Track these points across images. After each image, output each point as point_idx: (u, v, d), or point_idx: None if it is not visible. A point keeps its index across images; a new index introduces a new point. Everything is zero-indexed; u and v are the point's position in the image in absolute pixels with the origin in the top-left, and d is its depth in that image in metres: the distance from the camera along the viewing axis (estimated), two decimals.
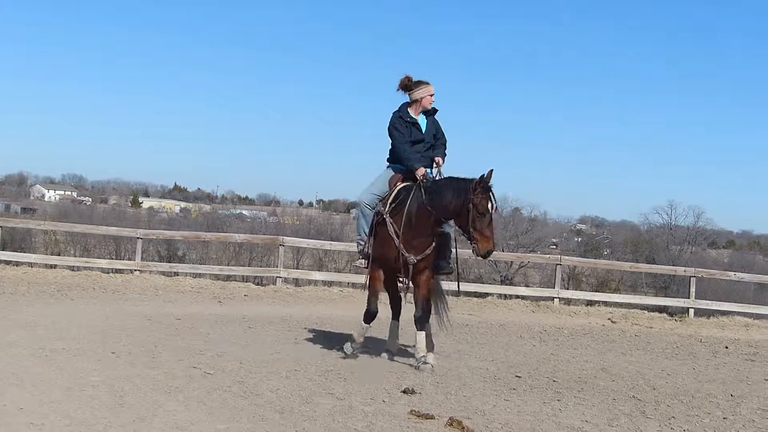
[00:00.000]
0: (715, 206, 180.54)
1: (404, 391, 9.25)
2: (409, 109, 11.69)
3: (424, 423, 7.98)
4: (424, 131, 11.67)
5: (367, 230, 11.60)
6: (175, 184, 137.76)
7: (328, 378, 9.80)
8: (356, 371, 10.36)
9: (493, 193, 10.85)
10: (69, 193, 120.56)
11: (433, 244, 11.25)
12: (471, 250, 11.21)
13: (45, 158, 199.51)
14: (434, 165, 11.57)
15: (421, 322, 11.34)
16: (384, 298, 12.21)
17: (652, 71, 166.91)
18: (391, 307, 12.19)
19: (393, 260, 11.31)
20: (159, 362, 10.06)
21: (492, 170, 10.83)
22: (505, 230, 63.80)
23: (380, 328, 12.53)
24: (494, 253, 11.34)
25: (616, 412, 9.20)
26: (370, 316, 11.69)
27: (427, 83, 11.72)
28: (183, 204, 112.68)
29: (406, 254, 11.15)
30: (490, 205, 10.80)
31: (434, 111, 11.81)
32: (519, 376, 10.95)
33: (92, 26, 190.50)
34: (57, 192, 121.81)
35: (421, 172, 11.24)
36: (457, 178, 11.15)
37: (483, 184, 10.78)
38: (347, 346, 11.66)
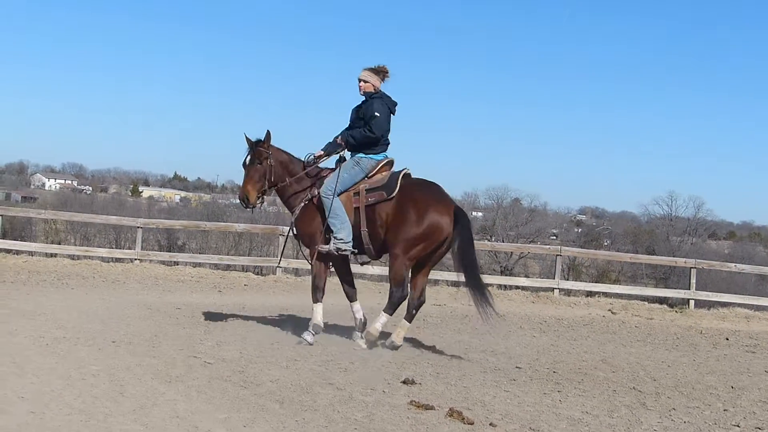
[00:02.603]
0: (716, 197, 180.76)
1: (404, 382, 9.25)
2: None
3: (424, 413, 7.98)
4: (354, 115, 12.13)
5: None
6: (175, 173, 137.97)
7: (328, 368, 9.79)
8: (356, 361, 10.35)
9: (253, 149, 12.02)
10: (69, 182, 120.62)
11: None
12: None
13: (45, 147, 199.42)
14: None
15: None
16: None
17: (652, 61, 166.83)
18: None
19: None
20: (159, 351, 10.05)
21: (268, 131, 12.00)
22: (505, 221, 63.92)
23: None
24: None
25: (616, 403, 9.20)
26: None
27: (363, 69, 12.04)
28: (183, 193, 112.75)
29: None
30: (247, 159, 12.07)
31: (375, 95, 12.01)
32: (519, 367, 10.95)
33: (93, 16, 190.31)
34: (57, 181, 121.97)
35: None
36: None
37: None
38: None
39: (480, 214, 69.70)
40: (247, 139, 11.92)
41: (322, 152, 11.97)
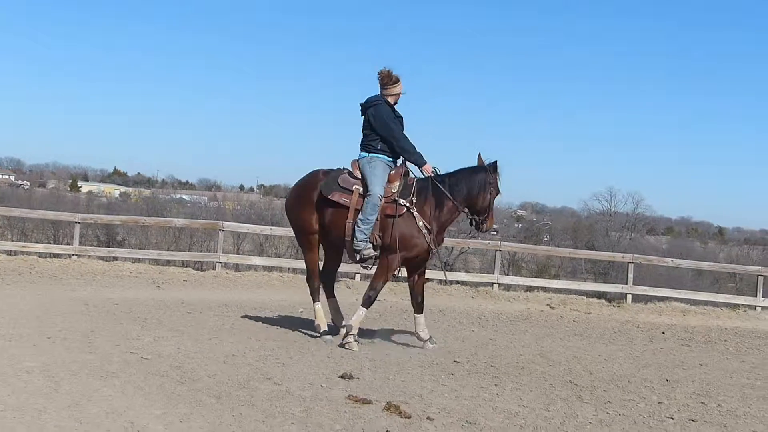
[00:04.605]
0: (654, 193, 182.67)
1: (342, 376, 9.27)
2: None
3: (361, 407, 7.99)
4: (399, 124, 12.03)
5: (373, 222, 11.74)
6: (115, 168, 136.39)
7: (266, 363, 9.78)
8: (294, 356, 10.35)
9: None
10: (6, 176, 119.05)
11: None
12: (474, 228, 12.11)
13: None
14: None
15: (422, 307, 12.15)
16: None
17: (590, 57, 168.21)
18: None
19: (422, 251, 11.74)
20: (95, 347, 9.98)
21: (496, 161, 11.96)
22: None
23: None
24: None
25: (552, 396, 9.28)
26: (373, 303, 12.09)
27: (399, 81, 12.02)
28: (123, 188, 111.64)
29: (434, 247, 11.74)
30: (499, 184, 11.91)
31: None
32: (457, 362, 11.01)
33: (26, 6, 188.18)
34: None
35: (429, 168, 11.80)
36: (469, 168, 11.98)
37: (496, 168, 11.84)
38: (349, 339, 11.60)
39: None
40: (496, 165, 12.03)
41: None
